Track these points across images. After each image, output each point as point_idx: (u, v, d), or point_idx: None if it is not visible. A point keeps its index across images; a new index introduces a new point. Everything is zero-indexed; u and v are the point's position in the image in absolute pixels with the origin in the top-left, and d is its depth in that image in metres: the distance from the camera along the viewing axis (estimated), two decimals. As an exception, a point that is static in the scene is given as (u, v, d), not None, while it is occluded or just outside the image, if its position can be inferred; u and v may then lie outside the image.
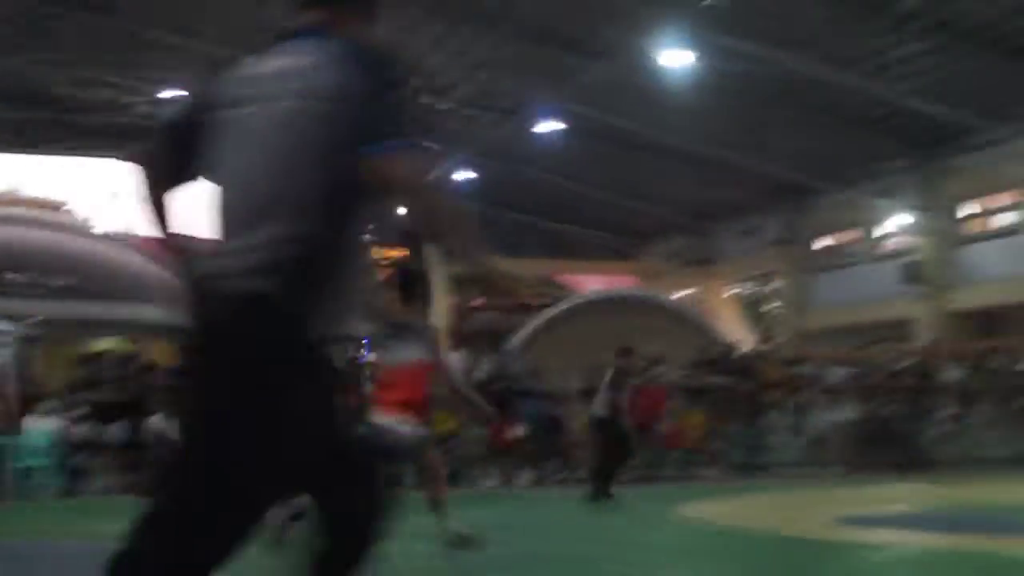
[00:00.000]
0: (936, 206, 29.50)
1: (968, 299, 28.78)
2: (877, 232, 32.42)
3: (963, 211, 29.82)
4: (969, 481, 18.24)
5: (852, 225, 33.28)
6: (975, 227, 29.73)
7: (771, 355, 25.05)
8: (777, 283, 36.72)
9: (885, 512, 12.80)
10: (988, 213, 29.47)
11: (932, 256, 29.35)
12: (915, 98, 24.03)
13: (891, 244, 32.28)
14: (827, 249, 35.02)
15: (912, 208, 29.63)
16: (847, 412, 20.40)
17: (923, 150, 29.49)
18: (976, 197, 29.50)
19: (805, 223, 34.77)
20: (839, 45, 22.78)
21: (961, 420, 21.12)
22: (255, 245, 2.95)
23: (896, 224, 30.52)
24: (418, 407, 7.90)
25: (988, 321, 31.08)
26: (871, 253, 32.73)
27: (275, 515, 3.63)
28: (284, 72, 3.11)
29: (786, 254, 34.82)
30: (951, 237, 29.61)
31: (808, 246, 35.00)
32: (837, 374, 23.67)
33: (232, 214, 3.07)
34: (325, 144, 3.01)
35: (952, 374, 21.72)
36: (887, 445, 20.29)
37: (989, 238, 28.87)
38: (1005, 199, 28.63)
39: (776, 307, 36.80)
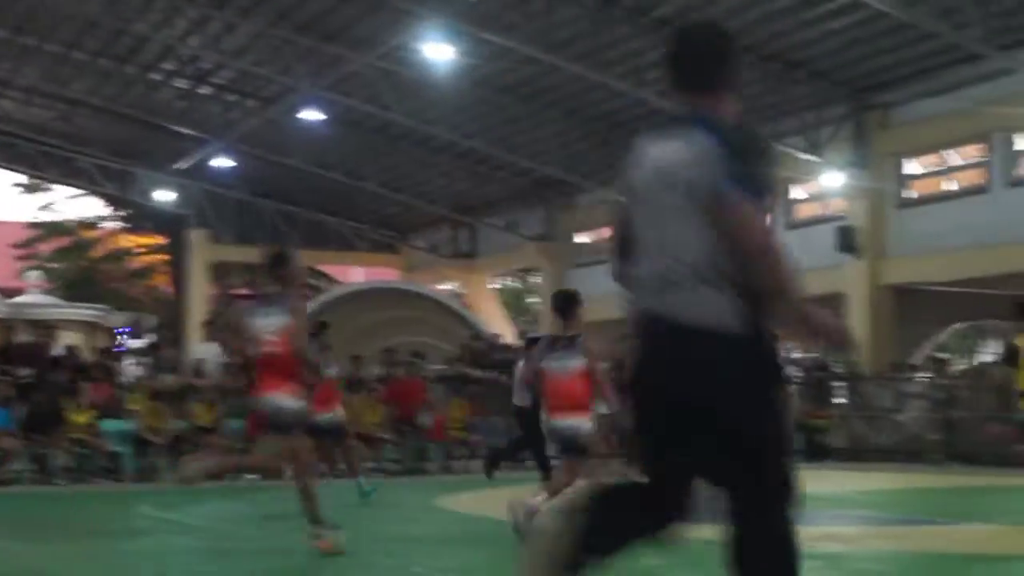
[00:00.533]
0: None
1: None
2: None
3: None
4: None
5: (609, 223, 34.13)
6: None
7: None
8: (538, 278, 37.41)
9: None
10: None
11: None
12: (669, 101, 24.75)
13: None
14: (587, 245, 35.87)
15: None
16: (604, 404, 20.84)
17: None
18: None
19: (566, 219, 35.50)
20: (597, 46, 23.29)
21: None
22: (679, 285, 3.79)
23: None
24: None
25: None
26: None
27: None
28: (670, 155, 3.80)
29: (547, 249, 35.46)
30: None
31: (568, 241, 35.74)
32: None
33: (647, 270, 3.86)
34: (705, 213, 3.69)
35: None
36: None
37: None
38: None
39: (537, 301, 37.49)
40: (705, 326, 3.67)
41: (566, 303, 9.50)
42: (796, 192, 28.64)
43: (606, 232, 34.34)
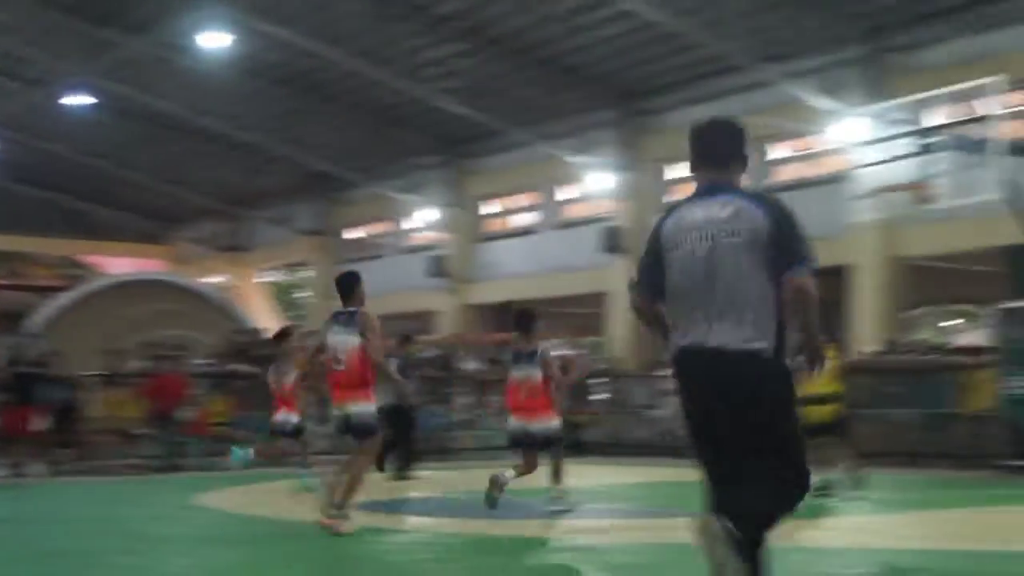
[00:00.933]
0: (461, 203, 30.85)
1: (488, 293, 30.33)
2: (406, 225, 33.44)
3: (485, 209, 31.38)
4: (482, 467, 19.17)
5: (382, 218, 34.11)
6: (496, 225, 31.38)
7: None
8: (308, 272, 37.00)
9: (401, 497, 13.16)
10: (508, 213, 31.20)
11: (456, 251, 30.64)
12: (446, 98, 24.90)
13: (419, 238, 33.41)
14: (358, 240, 35.68)
15: (439, 204, 30.78)
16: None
17: (451, 149, 30.75)
18: (498, 197, 31.13)
19: (337, 214, 35.25)
20: (377, 41, 23.19)
21: (477, 410, 22.11)
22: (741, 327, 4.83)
23: (424, 219, 31.56)
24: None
25: (505, 315, 32.91)
26: (400, 246, 33.72)
27: None
28: (719, 218, 4.84)
29: (317, 243, 35.11)
30: (474, 234, 31.08)
31: (339, 236, 35.49)
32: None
33: (702, 311, 4.84)
34: (760, 265, 4.81)
35: (470, 365, 22.69)
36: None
37: (508, 236, 30.55)
38: (523, 200, 30.41)
39: (307, 296, 37.06)
40: (753, 350, 4.78)
41: (527, 320, 10.74)
42: (563, 193, 29.17)
43: (378, 228, 34.30)
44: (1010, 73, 16.36)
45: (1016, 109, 19.31)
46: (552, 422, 10.44)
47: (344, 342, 9.09)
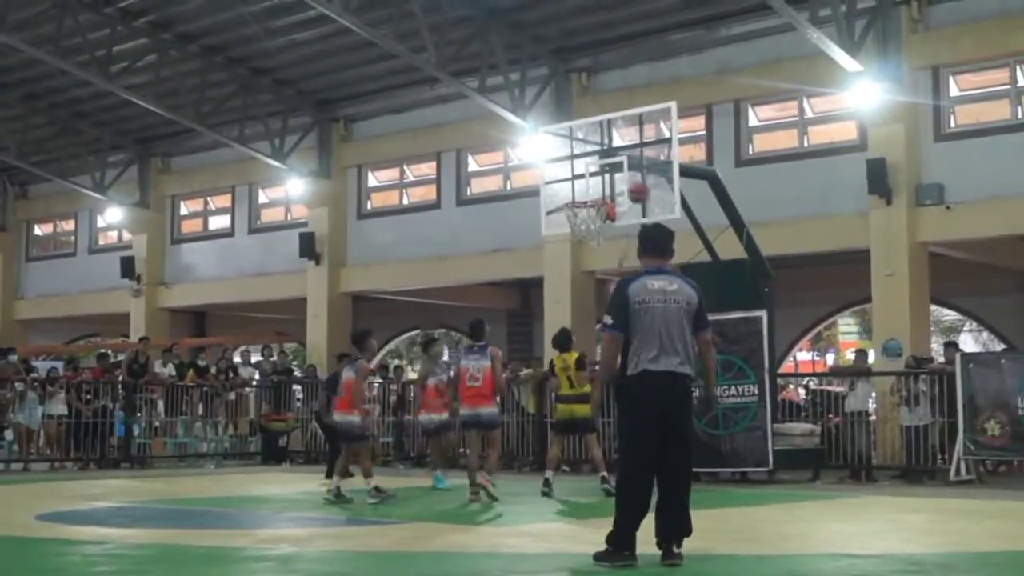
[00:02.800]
0: (154, 203, 30.03)
1: (182, 296, 29.65)
2: (98, 224, 32.24)
3: (180, 210, 30.66)
4: (176, 475, 18.81)
5: (71, 215, 32.76)
6: (192, 227, 30.71)
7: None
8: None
9: (88, 507, 12.79)
10: (203, 214, 30.59)
11: (149, 252, 29.79)
12: (136, 93, 24.20)
13: (111, 237, 32.29)
14: (44, 238, 34.14)
15: (130, 203, 29.84)
16: (58, 406, 19.99)
17: (143, 147, 29.90)
18: (193, 198, 30.50)
19: (22, 209, 33.60)
20: (61, 31, 22.27)
21: (170, 416, 21.66)
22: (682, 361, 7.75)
23: (115, 217, 30.52)
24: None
25: (199, 318, 32.30)
26: (90, 245, 32.48)
27: None
28: (669, 289, 7.78)
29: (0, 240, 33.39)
30: (168, 235, 30.31)
31: (23, 233, 33.84)
32: (48, 367, 23.17)
33: (663, 348, 7.67)
34: (689, 324, 7.81)
35: (166, 369, 22.19)
36: (94, 440, 20.24)
37: (204, 239, 29.96)
38: (220, 202, 29.91)
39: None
40: (687, 374, 7.78)
41: (480, 329, 13.55)
42: (261, 197, 28.92)
43: (68, 225, 32.90)
44: (682, 99, 17.52)
45: (688, 134, 20.75)
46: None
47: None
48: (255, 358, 26.23)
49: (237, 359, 24.66)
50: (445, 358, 16.25)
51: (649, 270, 7.83)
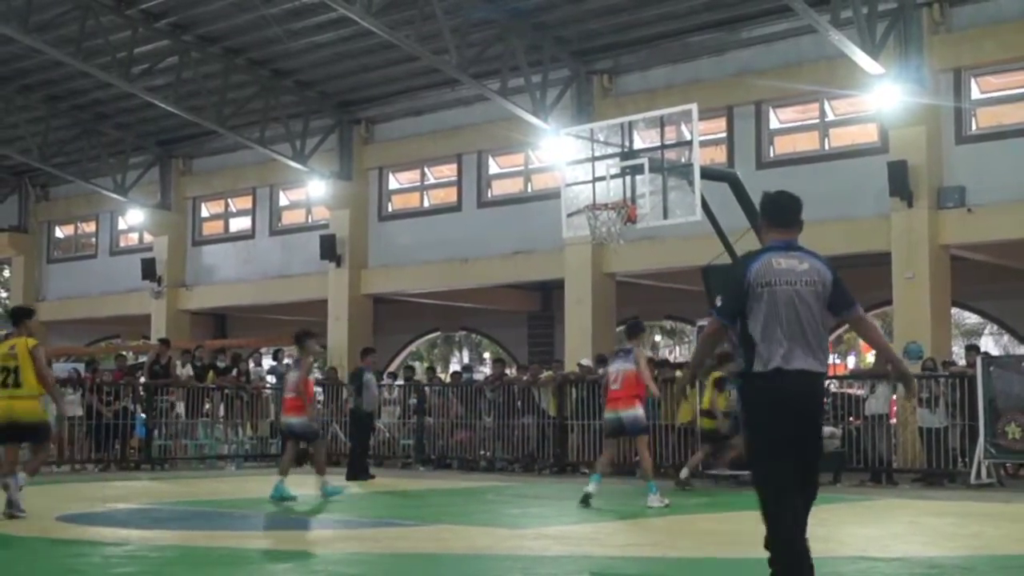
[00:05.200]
0: (175, 205, 30.14)
1: (203, 298, 29.75)
2: (119, 226, 32.38)
3: (201, 212, 30.76)
4: (196, 477, 18.88)
5: (92, 217, 32.91)
6: (213, 229, 30.80)
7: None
8: (8, 271, 35.22)
9: (108, 509, 12.85)
10: (225, 216, 30.67)
11: (170, 254, 29.90)
12: (157, 95, 24.30)
13: (132, 239, 32.42)
14: (65, 240, 34.30)
15: (152, 205, 29.97)
16: (75, 408, 20.06)
17: (165, 149, 30.01)
18: (214, 200, 30.59)
19: (43, 210, 33.76)
20: (83, 33, 22.38)
21: (191, 418, 21.71)
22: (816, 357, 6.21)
23: (136, 219, 30.64)
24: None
25: (220, 321, 32.40)
26: (111, 247, 32.62)
27: None
28: (799, 270, 6.20)
29: (19, 241, 33.52)
30: (189, 237, 30.40)
31: (44, 235, 34.01)
32: (66, 368, 23.28)
33: (793, 341, 6.12)
34: (824, 310, 6.24)
35: (185, 371, 22.24)
36: (115, 441, 20.33)
37: (225, 240, 30.04)
38: (241, 204, 29.99)
39: (4, 296, 35.24)
40: (822, 372, 6.30)
41: (633, 331, 13.98)
42: (282, 199, 28.99)
43: (89, 227, 33.04)
44: (703, 101, 17.53)
45: (709, 136, 20.71)
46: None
47: (620, 369, 13.05)
48: (269, 362, 26.33)
49: (259, 363, 24.73)
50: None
51: (774, 245, 6.37)
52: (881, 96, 19.03)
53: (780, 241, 6.37)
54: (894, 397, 17.27)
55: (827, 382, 6.81)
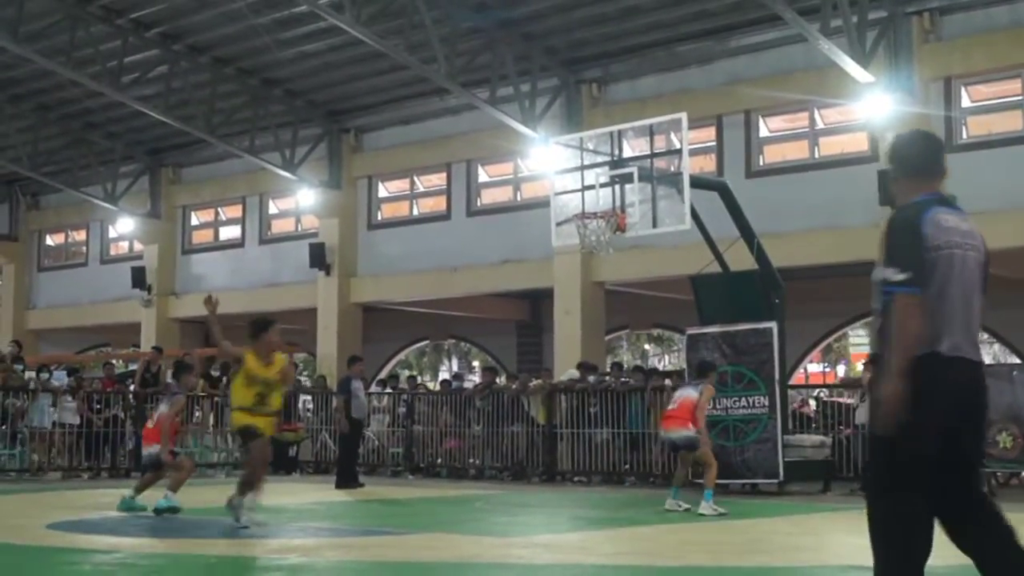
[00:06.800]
0: (165, 213, 30.09)
1: (193, 307, 29.65)
2: (110, 234, 32.32)
3: (190, 221, 30.72)
4: (186, 485, 18.79)
5: (83, 225, 32.85)
6: (202, 237, 30.75)
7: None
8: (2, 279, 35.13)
9: (99, 516, 12.80)
10: (214, 224, 30.64)
11: (160, 263, 29.84)
12: (147, 104, 24.27)
13: (122, 247, 32.36)
14: (55, 248, 34.23)
15: (142, 213, 29.92)
16: (69, 416, 20.02)
17: (154, 157, 29.97)
18: (204, 208, 30.55)
19: (33, 219, 33.70)
20: (73, 43, 22.36)
21: (181, 426, 21.62)
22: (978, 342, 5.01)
23: (126, 228, 30.59)
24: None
25: (210, 329, 32.31)
26: (101, 255, 32.56)
27: None
28: (963, 229, 4.94)
29: (10, 249, 33.44)
30: (178, 245, 30.36)
31: (34, 243, 33.95)
32: (59, 377, 23.19)
33: (965, 322, 4.88)
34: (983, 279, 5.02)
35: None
36: (107, 449, 20.28)
37: (214, 249, 30.00)
38: (230, 212, 29.95)
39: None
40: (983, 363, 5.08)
41: (702, 369, 14.17)
42: (271, 208, 28.97)
43: (79, 235, 32.97)
44: (692, 110, 17.57)
45: (698, 145, 20.76)
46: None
47: (683, 395, 13.50)
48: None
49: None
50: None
51: (930, 197, 4.99)
52: (871, 105, 19.07)
53: (932, 194, 5.02)
54: None
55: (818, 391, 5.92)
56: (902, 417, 4.63)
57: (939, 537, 4.94)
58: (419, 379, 27.72)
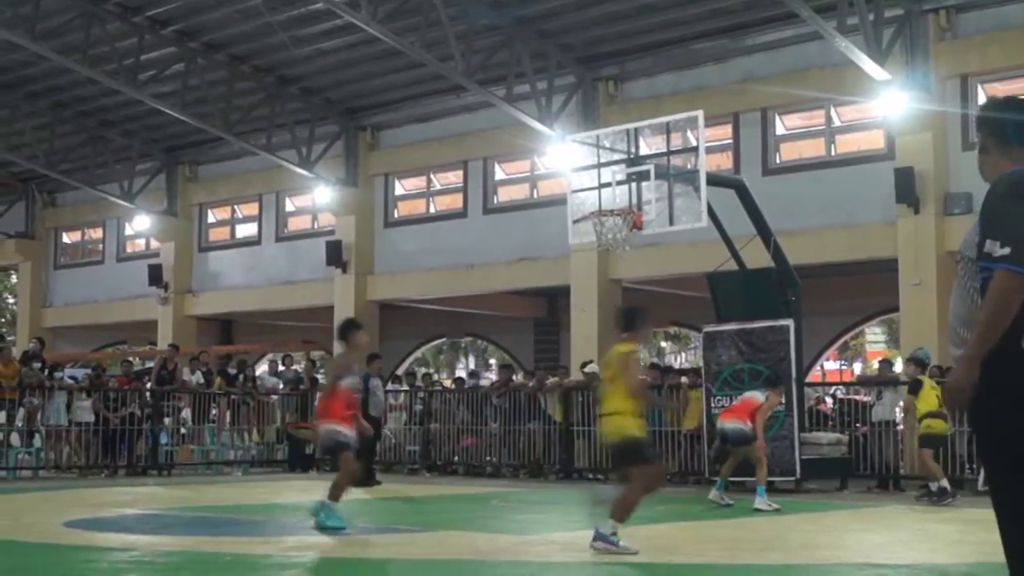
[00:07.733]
0: (181, 211, 30.19)
1: (209, 304, 29.77)
2: (126, 232, 32.44)
3: (207, 218, 30.80)
4: (203, 483, 18.89)
5: (99, 223, 32.97)
6: (219, 235, 30.83)
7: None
8: (15, 277, 35.30)
9: (115, 514, 12.85)
10: (231, 222, 30.70)
11: (176, 260, 29.94)
12: (164, 102, 24.35)
13: (138, 245, 32.47)
14: (72, 246, 34.36)
15: (158, 211, 30.02)
16: (84, 414, 20.09)
17: (171, 155, 30.07)
18: (220, 206, 30.63)
19: (50, 217, 33.83)
20: (89, 40, 22.44)
21: (198, 423, 21.72)
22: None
23: (143, 225, 30.70)
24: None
25: (226, 327, 32.43)
26: (118, 253, 32.68)
27: None
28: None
29: (27, 247, 33.58)
30: (195, 243, 30.45)
31: (51, 241, 34.08)
32: (75, 374, 23.28)
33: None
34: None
35: (195, 377, 22.26)
36: (123, 447, 20.34)
37: (231, 247, 30.08)
38: (247, 210, 30.02)
39: (12, 302, 35.33)
40: None
41: (771, 380, 15.05)
42: (288, 205, 29.03)
43: (96, 233, 33.10)
44: (709, 108, 17.55)
45: (714, 143, 20.72)
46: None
47: (749, 395, 14.21)
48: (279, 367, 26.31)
49: (262, 369, 24.71)
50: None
51: None
52: (887, 103, 19.03)
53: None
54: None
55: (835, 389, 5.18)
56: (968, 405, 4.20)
57: (953, 536, 4.92)
58: (436, 376, 27.75)
